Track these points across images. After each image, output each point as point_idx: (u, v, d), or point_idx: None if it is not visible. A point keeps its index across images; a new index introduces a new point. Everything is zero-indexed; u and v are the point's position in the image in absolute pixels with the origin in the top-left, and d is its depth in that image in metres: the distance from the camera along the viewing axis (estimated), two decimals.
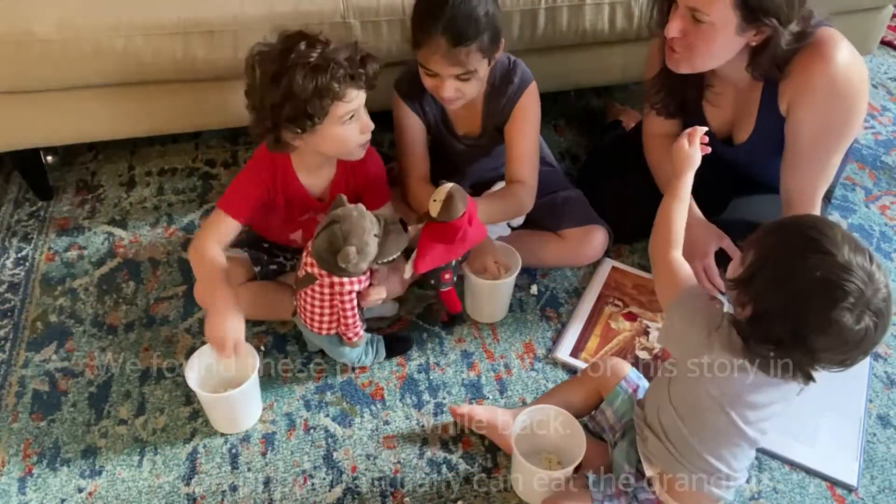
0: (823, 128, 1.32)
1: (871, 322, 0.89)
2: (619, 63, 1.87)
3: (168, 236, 1.71)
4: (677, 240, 1.13)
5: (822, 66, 1.26)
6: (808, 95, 1.29)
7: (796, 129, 1.34)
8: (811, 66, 1.27)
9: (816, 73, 1.27)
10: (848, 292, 0.87)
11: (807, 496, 1.24)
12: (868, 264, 0.89)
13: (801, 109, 1.32)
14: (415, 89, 1.48)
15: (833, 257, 0.89)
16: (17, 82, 1.53)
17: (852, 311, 0.88)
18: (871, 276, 0.89)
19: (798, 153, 1.36)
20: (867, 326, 0.89)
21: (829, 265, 0.89)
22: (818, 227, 0.93)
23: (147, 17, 1.49)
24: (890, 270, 1.68)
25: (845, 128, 1.33)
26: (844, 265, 0.88)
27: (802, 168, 1.37)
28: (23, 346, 1.46)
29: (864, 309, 0.88)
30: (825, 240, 0.90)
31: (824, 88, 1.28)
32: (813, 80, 1.28)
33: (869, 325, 0.89)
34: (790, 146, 1.37)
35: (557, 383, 1.38)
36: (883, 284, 0.90)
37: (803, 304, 0.89)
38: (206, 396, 1.25)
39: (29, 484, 1.23)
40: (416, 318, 1.53)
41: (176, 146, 1.97)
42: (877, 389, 1.42)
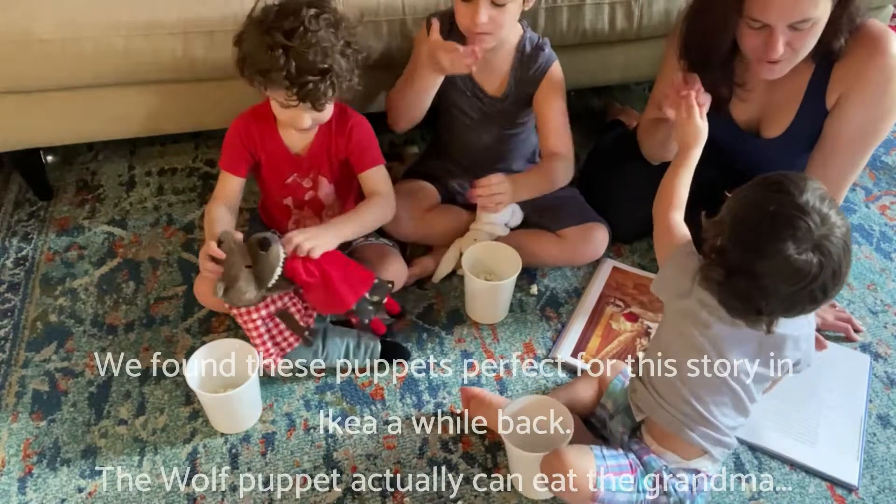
0: (867, 123, 1.31)
1: (815, 259, 0.92)
2: (619, 63, 1.86)
3: (168, 236, 1.70)
4: (680, 203, 1.17)
5: (880, 58, 1.25)
6: (862, 88, 1.28)
7: (843, 120, 1.32)
8: (867, 59, 1.26)
9: (873, 65, 1.25)
10: (796, 227, 0.92)
11: (807, 496, 1.24)
12: (828, 210, 0.93)
13: (849, 102, 1.30)
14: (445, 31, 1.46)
15: (791, 197, 0.94)
16: (17, 82, 1.53)
17: (797, 244, 0.91)
18: (825, 219, 0.92)
19: (835, 146, 1.34)
20: (810, 261, 0.92)
21: (785, 202, 0.94)
22: (789, 174, 0.98)
23: (147, 17, 1.49)
24: (890, 270, 1.68)
25: (885, 124, 1.32)
26: (800, 205, 0.93)
27: (836, 164, 1.35)
28: (23, 346, 1.46)
29: (810, 245, 0.92)
30: (789, 184, 0.95)
31: (879, 81, 1.26)
32: (868, 72, 1.26)
33: (813, 260, 0.92)
34: (828, 139, 1.35)
35: (557, 383, 1.39)
36: (838, 229, 0.93)
37: (752, 232, 0.94)
38: (206, 396, 1.25)
39: (29, 484, 1.23)
40: (416, 319, 1.53)
41: (176, 146, 1.97)
42: (877, 389, 1.42)
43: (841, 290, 1.00)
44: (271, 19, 1.24)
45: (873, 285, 1.64)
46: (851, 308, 1.58)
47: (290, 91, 1.24)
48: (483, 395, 1.31)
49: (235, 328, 1.49)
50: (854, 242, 1.73)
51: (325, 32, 1.24)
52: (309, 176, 1.44)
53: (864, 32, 1.26)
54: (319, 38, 1.23)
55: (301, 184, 1.44)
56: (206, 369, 1.28)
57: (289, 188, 1.45)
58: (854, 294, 1.61)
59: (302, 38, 1.22)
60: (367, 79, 1.69)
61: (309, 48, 1.22)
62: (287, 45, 1.21)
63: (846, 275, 0.96)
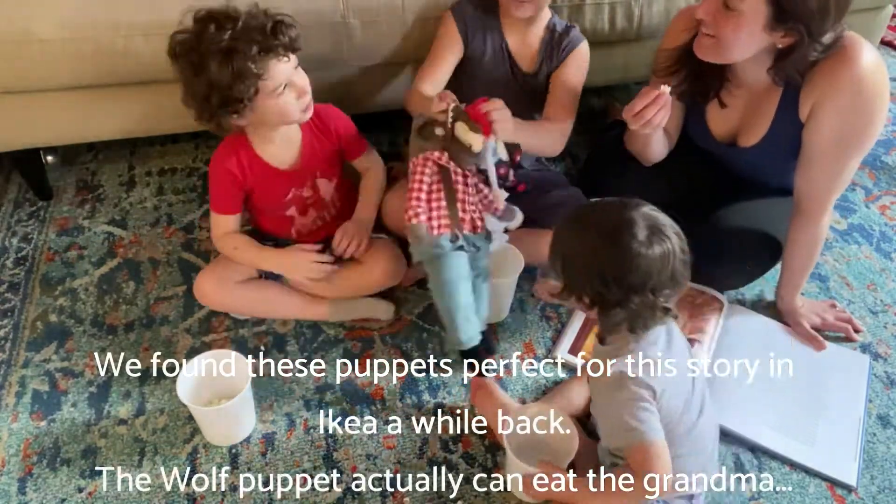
0: (844, 131, 1.30)
1: (667, 242, 0.97)
2: (620, 63, 1.87)
3: (168, 236, 1.70)
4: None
5: (849, 69, 1.24)
6: (833, 98, 1.27)
7: (817, 130, 1.32)
8: (837, 70, 1.25)
9: (843, 75, 1.25)
10: (633, 232, 0.96)
11: (807, 496, 1.24)
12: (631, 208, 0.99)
13: (823, 111, 1.30)
14: (472, 10, 1.52)
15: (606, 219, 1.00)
16: (17, 82, 1.53)
17: (643, 240, 0.96)
18: (639, 212, 0.98)
19: (815, 156, 1.34)
20: (665, 248, 0.97)
21: (606, 221, 0.99)
22: (584, 206, 1.07)
23: (147, 17, 1.49)
24: (890, 270, 1.68)
25: (866, 131, 1.31)
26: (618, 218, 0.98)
27: (817, 171, 1.35)
28: (23, 346, 1.46)
29: (651, 233, 0.96)
30: (594, 213, 1.02)
31: (850, 91, 1.26)
32: (839, 83, 1.26)
33: (667, 246, 0.97)
34: (807, 148, 1.35)
35: (557, 383, 1.39)
36: (656, 213, 0.99)
37: (603, 261, 0.98)
38: (198, 410, 1.24)
39: (29, 484, 1.23)
40: (416, 318, 1.53)
41: (176, 146, 1.97)
42: (877, 389, 1.42)
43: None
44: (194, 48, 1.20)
45: (873, 285, 1.64)
46: (851, 308, 1.58)
47: (274, 54, 1.21)
48: (492, 387, 1.31)
49: (235, 328, 1.49)
50: (854, 242, 1.74)
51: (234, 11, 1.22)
52: (307, 185, 1.44)
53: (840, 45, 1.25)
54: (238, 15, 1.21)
55: (301, 194, 1.44)
56: (200, 380, 1.27)
57: (290, 202, 1.45)
58: (854, 294, 1.61)
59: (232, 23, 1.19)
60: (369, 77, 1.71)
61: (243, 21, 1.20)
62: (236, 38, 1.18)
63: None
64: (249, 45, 1.18)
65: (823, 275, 1.65)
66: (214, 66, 1.18)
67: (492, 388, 1.31)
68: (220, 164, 1.37)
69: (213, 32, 1.18)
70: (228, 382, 1.27)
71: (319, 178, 1.44)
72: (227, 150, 1.37)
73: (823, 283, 1.64)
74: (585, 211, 1.06)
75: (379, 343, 1.48)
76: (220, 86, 1.19)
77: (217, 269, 1.45)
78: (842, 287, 1.63)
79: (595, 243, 0.99)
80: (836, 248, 1.70)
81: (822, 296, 1.60)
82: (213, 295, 1.44)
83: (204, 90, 1.21)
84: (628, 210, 0.99)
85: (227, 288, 1.43)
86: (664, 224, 0.99)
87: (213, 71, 1.18)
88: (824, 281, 1.64)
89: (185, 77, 1.23)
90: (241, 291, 1.44)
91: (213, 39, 1.18)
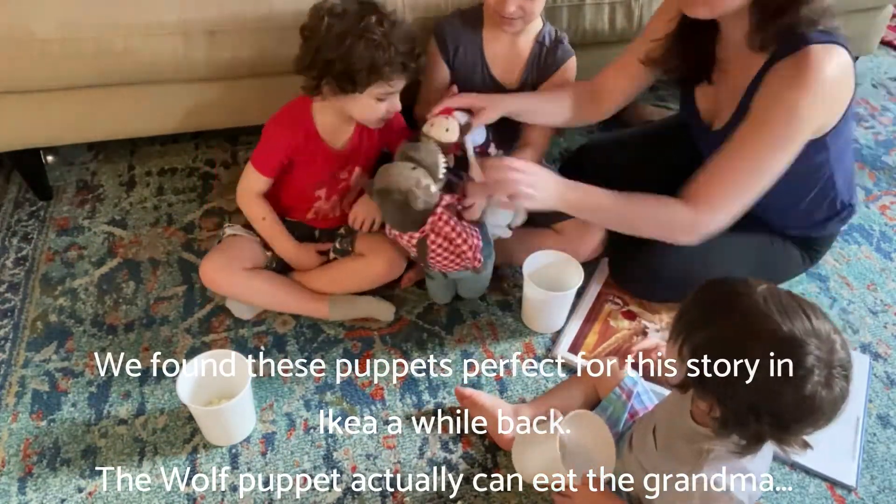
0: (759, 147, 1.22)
1: (842, 382, 0.84)
2: None
3: (168, 236, 1.70)
4: None
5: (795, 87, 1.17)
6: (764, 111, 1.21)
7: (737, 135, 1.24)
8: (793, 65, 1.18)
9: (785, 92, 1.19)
10: (810, 367, 0.82)
11: (807, 496, 1.24)
12: (807, 322, 0.84)
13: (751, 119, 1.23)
14: (450, 31, 1.52)
15: (774, 333, 0.83)
16: (17, 82, 1.53)
17: (822, 382, 0.82)
18: (818, 335, 0.83)
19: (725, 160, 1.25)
20: (842, 387, 0.84)
21: (775, 344, 0.83)
22: (742, 301, 0.87)
23: (147, 17, 1.49)
24: (890, 270, 1.68)
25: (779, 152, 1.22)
26: (790, 338, 0.83)
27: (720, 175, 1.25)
28: (23, 346, 1.46)
29: (830, 372, 0.82)
30: (759, 315, 0.84)
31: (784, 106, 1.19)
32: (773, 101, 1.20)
33: (843, 385, 0.84)
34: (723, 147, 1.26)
35: (557, 383, 1.39)
36: (832, 334, 0.85)
37: (771, 397, 0.83)
38: (198, 410, 1.24)
39: (29, 484, 1.23)
40: (415, 318, 1.53)
41: (176, 146, 1.97)
42: (877, 389, 1.42)
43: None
44: (353, 22, 1.27)
45: (873, 285, 1.64)
46: (851, 308, 1.58)
47: (407, 72, 1.32)
48: (475, 396, 1.31)
49: (235, 328, 1.49)
50: (854, 242, 1.74)
51: (394, 15, 1.32)
52: (347, 168, 1.48)
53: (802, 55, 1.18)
54: (397, 20, 1.31)
55: (339, 176, 1.49)
56: (198, 381, 1.27)
57: (325, 181, 1.49)
58: (854, 294, 1.61)
59: (393, 27, 1.28)
60: None
61: (399, 30, 1.29)
62: (389, 39, 1.27)
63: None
64: (396, 53, 1.28)
65: (823, 275, 1.65)
66: (361, 46, 1.25)
67: (475, 399, 1.30)
68: (279, 128, 1.42)
69: (374, 22, 1.27)
70: (228, 382, 1.27)
71: (358, 165, 1.49)
72: (291, 118, 1.42)
73: (823, 283, 1.64)
74: (745, 306, 0.86)
75: (379, 343, 1.48)
76: (351, 65, 1.27)
77: (225, 252, 1.46)
78: (842, 287, 1.63)
79: (761, 370, 0.82)
80: (836, 248, 1.70)
81: (823, 296, 1.60)
82: (219, 277, 1.43)
83: (334, 56, 1.27)
84: (803, 324, 0.83)
85: (233, 271, 1.43)
86: (843, 355, 0.84)
87: (357, 49, 1.26)
88: (824, 281, 1.64)
89: (325, 35, 1.28)
90: (246, 278, 1.44)
91: (372, 27, 1.26)
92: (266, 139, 1.43)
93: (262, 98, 1.66)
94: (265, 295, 1.47)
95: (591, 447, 1.17)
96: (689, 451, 0.95)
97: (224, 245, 1.48)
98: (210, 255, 1.44)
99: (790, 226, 1.46)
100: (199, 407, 1.23)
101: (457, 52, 1.53)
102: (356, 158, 1.48)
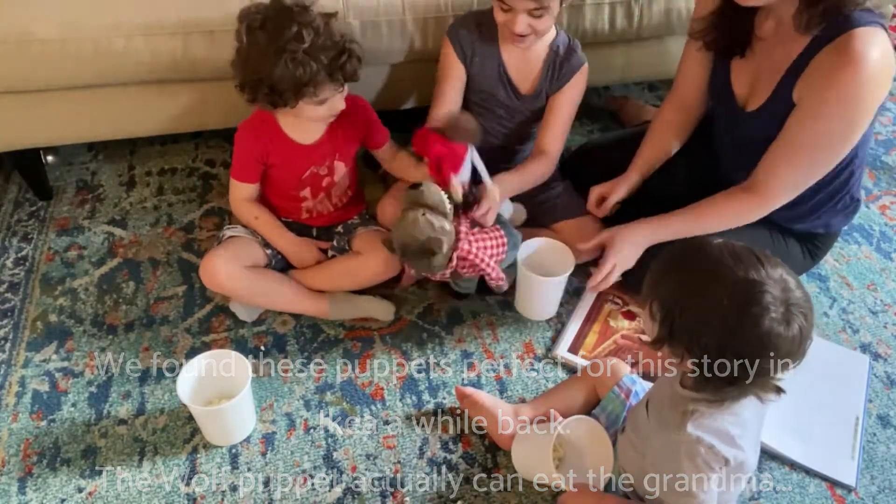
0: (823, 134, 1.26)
1: (801, 319, 0.88)
2: (619, 63, 1.87)
3: (168, 236, 1.70)
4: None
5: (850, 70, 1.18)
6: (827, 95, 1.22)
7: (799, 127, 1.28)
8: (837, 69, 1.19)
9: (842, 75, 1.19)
10: (765, 305, 0.86)
11: (807, 496, 1.24)
12: (762, 268, 0.89)
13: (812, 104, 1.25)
14: (467, 34, 1.51)
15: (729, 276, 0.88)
16: (17, 82, 1.52)
17: (779, 319, 0.87)
18: (772, 277, 0.88)
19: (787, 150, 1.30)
20: (801, 324, 0.88)
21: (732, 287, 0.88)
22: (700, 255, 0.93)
23: (147, 17, 1.49)
24: (890, 270, 1.68)
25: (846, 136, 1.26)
26: (744, 279, 0.88)
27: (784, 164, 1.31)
28: (23, 346, 1.46)
29: (787, 309, 0.87)
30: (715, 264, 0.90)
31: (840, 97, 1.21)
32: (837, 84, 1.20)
33: (802, 322, 0.88)
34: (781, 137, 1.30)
35: (557, 383, 1.39)
36: (785, 275, 0.90)
37: (731, 335, 0.88)
38: (198, 410, 1.24)
39: (29, 484, 1.23)
40: (415, 318, 1.53)
41: (176, 146, 1.97)
42: (877, 389, 1.42)
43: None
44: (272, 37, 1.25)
45: (873, 285, 1.64)
46: (851, 308, 1.58)
47: (334, 82, 1.30)
48: (475, 396, 1.31)
49: (235, 328, 1.49)
50: (854, 242, 1.74)
51: (318, 19, 1.29)
52: (325, 164, 1.48)
53: (846, 39, 1.19)
54: (320, 26, 1.28)
55: (318, 173, 1.49)
56: (198, 381, 1.27)
57: (306, 181, 1.49)
58: (854, 294, 1.61)
59: (314, 34, 1.26)
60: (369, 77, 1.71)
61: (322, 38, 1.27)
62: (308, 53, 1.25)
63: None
64: (318, 66, 1.26)
65: (823, 275, 1.65)
66: (280, 66, 1.25)
67: (474, 399, 1.31)
68: (245, 135, 1.44)
69: (293, 36, 1.25)
70: (228, 382, 1.27)
71: (338, 159, 1.49)
72: (255, 123, 1.44)
73: (823, 283, 1.64)
74: (702, 258, 0.93)
75: (379, 343, 1.48)
76: (276, 83, 1.27)
77: (226, 251, 1.45)
78: (842, 287, 1.63)
79: (721, 310, 0.88)
80: (837, 248, 1.70)
81: (823, 296, 1.60)
82: (221, 273, 1.40)
83: (259, 75, 1.28)
84: (756, 269, 0.88)
85: (235, 268, 1.42)
86: (799, 294, 0.89)
87: (277, 69, 1.26)
88: (824, 281, 1.64)
89: (248, 51, 1.29)
90: (247, 276, 1.43)
91: (289, 43, 1.24)
92: (237, 148, 1.46)
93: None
94: (265, 293, 1.47)
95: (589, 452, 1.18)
96: (674, 414, 0.99)
97: (224, 245, 1.48)
98: (210, 254, 1.44)
99: (797, 219, 1.46)
100: (199, 407, 1.23)
101: (473, 58, 1.53)
102: (332, 152, 1.48)
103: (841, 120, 1.23)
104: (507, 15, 1.39)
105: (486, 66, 1.53)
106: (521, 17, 1.36)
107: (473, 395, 1.31)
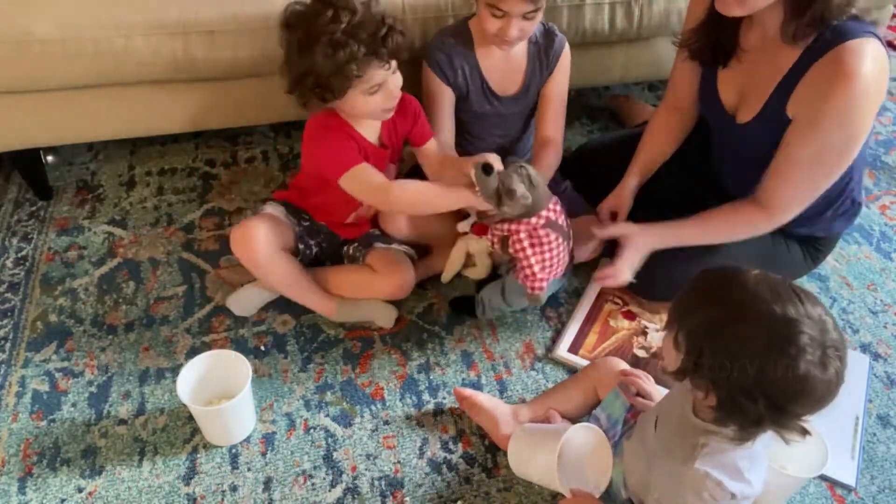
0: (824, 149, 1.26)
1: (836, 363, 0.83)
2: (619, 63, 1.87)
3: (168, 236, 1.71)
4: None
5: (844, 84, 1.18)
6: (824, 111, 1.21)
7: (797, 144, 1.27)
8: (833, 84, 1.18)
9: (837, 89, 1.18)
10: (802, 346, 0.81)
11: (807, 496, 1.24)
12: (800, 305, 0.84)
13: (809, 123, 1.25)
14: (445, 56, 1.50)
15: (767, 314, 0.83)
16: (17, 82, 1.53)
17: (816, 362, 0.82)
18: (810, 316, 0.83)
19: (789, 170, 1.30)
20: (837, 368, 0.83)
21: (768, 325, 0.83)
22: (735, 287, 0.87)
23: (147, 17, 1.49)
24: (890, 270, 1.68)
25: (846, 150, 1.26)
26: (783, 318, 0.83)
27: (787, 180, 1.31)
28: (23, 346, 1.46)
29: (824, 352, 0.82)
30: (751, 298, 0.85)
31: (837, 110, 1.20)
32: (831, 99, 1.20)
33: (837, 366, 0.83)
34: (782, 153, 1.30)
35: (557, 383, 1.38)
36: (824, 315, 0.85)
37: (765, 377, 0.83)
38: (198, 410, 1.24)
39: (29, 484, 1.23)
40: (415, 318, 1.53)
41: (176, 146, 1.97)
42: (877, 389, 1.42)
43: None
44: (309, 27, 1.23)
45: (873, 285, 1.64)
46: (851, 308, 1.58)
47: (379, 59, 1.25)
48: (475, 397, 1.31)
49: (236, 328, 1.49)
50: (854, 242, 1.74)
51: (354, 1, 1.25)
52: (386, 163, 1.46)
53: (838, 53, 1.18)
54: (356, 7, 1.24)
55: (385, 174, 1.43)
56: (198, 381, 1.27)
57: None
58: (854, 294, 1.61)
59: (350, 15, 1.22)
60: None
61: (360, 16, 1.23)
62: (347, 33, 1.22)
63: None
64: (358, 44, 1.22)
65: (823, 275, 1.65)
66: (319, 53, 1.22)
67: (474, 399, 1.31)
68: (332, 127, 1.36)
69: (329, 19, 1.22)
70: (228, 382, 1.27)
71: (392, 161, 1.47)
72: (333, 119, 1.36)
73: (823, 283, 1.64)
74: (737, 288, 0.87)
75: (379, 343, 1.48)
76: (319, 72, 1.24)
77: (267, 224, 1.41)
78: (842, 287, 1.63)
79: (755, 347, 0.83)
80: (837, 248, 1.70)
81: (823, 296, 1.60)
82: (258, 242, 1.38)
83: (303, 69, 1.26)
84: (795, 305, 0.83)
85: (270, 242, 1.40)
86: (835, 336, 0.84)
87: (317, 57, 1.23)
88: (824, 281, 1.64)
89: (288, 50, 1.28)
90: (276, 253, 1.42)
91: (326, 27, 1.22)
92: (328, 141, 1.35)
93: (261, 98, 1.66)
94: (283, 277, 1.44)
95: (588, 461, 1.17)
96: (684, 445, 0.96)
97: (262, 218, 1.43)
98: (250, 221, 1.40)
99: (798, 224, 1.46)
100: (199, 407, 1.23)
101: (455, 78, 1.52)
102: (392, 150, 1.46)
103: (841, 134, 1.23)
104: (500, 21, 1.38)
105: (469, 82, 1.53)
106: (514, 21, 1.36)
107: (472, 397, 1.31)
